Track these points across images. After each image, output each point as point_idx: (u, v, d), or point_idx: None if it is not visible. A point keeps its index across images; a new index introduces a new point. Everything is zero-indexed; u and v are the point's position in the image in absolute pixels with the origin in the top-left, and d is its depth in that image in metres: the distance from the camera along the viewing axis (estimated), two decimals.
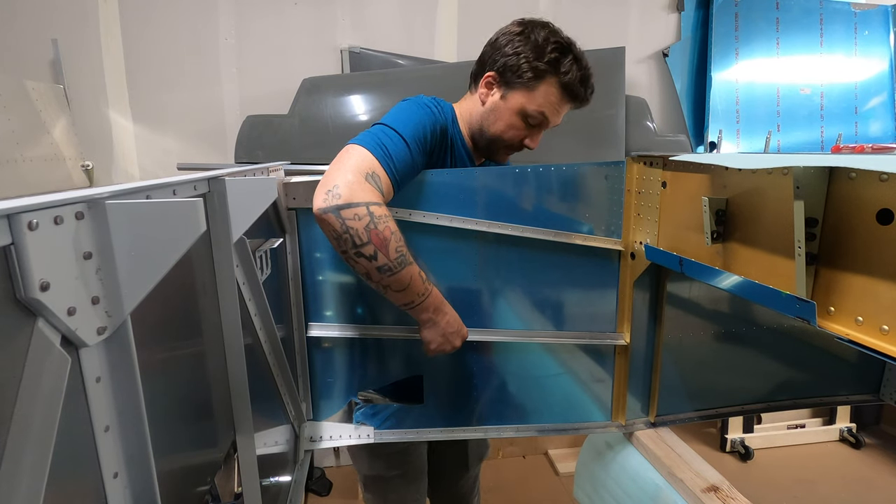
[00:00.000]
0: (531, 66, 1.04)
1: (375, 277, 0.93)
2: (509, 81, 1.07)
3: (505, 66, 1.07)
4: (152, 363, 0.51)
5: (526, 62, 1.04)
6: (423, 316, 1.02)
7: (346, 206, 0.87)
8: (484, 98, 1.11)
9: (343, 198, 0.87)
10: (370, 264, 0.91)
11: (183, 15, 2.31)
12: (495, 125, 1.11)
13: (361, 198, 0.88)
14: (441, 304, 1.04)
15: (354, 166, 0.90)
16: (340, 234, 0.88)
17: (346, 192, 0.88)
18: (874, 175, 0.60)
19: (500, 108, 1.10)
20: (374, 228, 0.89)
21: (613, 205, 1.12)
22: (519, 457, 2.67)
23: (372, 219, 0.89)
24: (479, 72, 1.13)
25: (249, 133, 2.20)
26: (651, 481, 1.18)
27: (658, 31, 2.75)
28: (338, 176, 0.89)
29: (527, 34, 1.06)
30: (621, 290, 1.17)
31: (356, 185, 0.89)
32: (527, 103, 1.07)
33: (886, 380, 1.35)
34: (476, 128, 1.14)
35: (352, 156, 0.92)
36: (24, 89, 2.01)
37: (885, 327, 0.60)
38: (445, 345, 1.05)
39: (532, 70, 1.04)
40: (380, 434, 1.18)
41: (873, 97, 2.90)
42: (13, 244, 0.32)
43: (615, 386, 1.23)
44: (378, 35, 2.49)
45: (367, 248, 0.90)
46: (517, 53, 1.05)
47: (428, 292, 1.00)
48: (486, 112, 1.12)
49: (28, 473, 0.33)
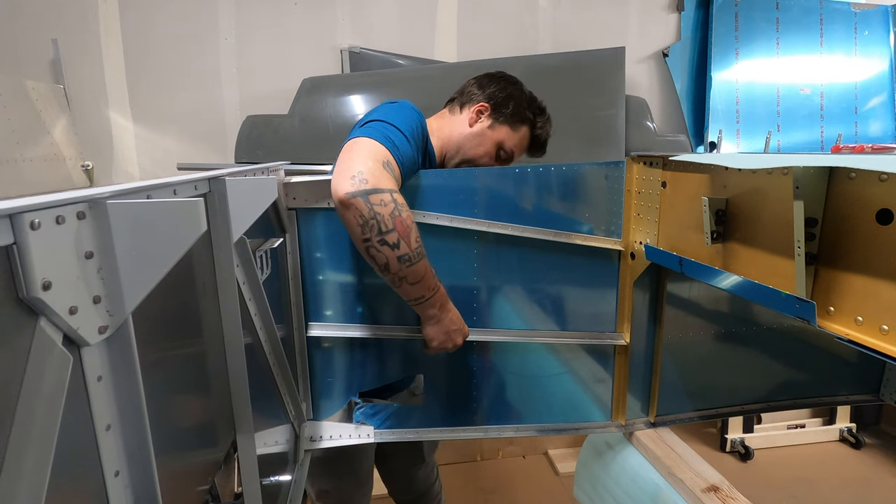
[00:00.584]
0: (521, 110, 1.21)
1: (394, 268, 0.92)
2: (500, 117, 1.20)
3: (499, 102, 1.21)
4: (153, 362, 0.51)
5: (518, 106, 1.21)
6: (429, 312, 1.02)
7: (373, 192, 0.87)
8: (472, 122, 1.21)
9: (370, 183, 0.87)
10: (392, 253, 0.90)
11: (183, 15, 2.31)
12: (476, 149, 1.21)
13: (385, 184, 0.89)
14: (447, 300, 1.04)
15: (371, 155, 0.91)
16: (368, 219, 0.87)
17: (372, 178, 0.87)
18: (874, 175, 0.60)
19: (485, 135, 1.20)
20: (398, 216, 0.89)
21: (613, 205, 1.12)
22: (519, 457, 2.67)
23: (396, 206, 0.89)
24: (466, 100, 1.24)
25: (249, 133, 2.20)
26: (651, 481, 1.18)
27: (658, 31, 2.75)
28: (358, 162, 0.89)
29: (519, 86, 1.24)
30: (621, 290, 1.17)
31: (378, 172, 0.89)
32: (507, 139, 1.21)
33: (886, 380, 1.35)
34: (453, 146, 1.21)
35: (364, 146, 0.92)
36: (24, 89, 2.01)
37: (884, 327, 0.60)
38: (447, 342, 1.06)
39: (520, 114, 1.21)
40: (380, 434, 1.18)
41: (873, 97, 2.90)
42: (15, 244, 0.32)
43: (615, 386, 1.23)
44: (378, 35, 2.49)
45: (392, 235, 0.89)
46: (511, 97, 1.21)
47: (438, 287, 1.01)
48: (471, 135, 1.21)
49: (30, 472, 0.33)
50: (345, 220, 0.89)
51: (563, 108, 2.37)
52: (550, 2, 2.62)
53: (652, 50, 2.76)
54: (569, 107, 2.37)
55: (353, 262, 1.09)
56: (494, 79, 1.24)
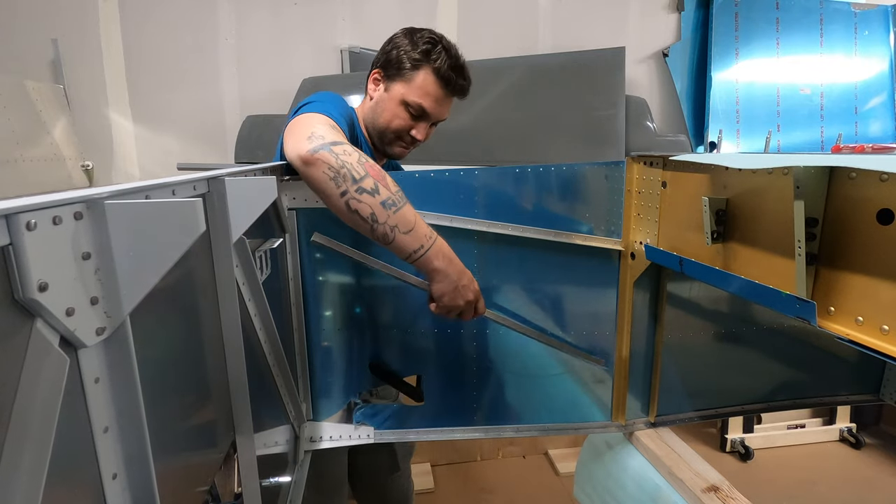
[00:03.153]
0: (408, 56, 1.10)
1: (382, 216, 0.86)
2: (391, 75, 1.13)
3: (387, 61, 1.13)
4: (151, 364, 0.51)
5: (404, 54, 1.11)
6: (434, 264, 0.93)
7: (335, 143, 0.86)
8: (372, 94, 1.17)
9: (328, 138, 0.86)
10: (374, 199, 0.85)
11: (183, 15, 2.31)
12: (382, 116, 1.16)
13: (343, 138, 0.90)
14: (452, 253, 0.96)
15: (320, 119, 0.93)
16: (338, 168, 0.83)
17: (329, 135, 0.87)
18: (874, 175, 0.60)
19: (384, 99, 1.15)
20: (366, 162, 0.87)
21: (613, 205, 1.12)
22: (519, 457, 2.66)
23: (360, 154, 0.88)
24: (368, 73, 1.19)
25: (249, 133, 2.20)
26: (651, 481, 1.18)
27: (658, 31, 2.75)
28: (309, 126, 0.89)
29: (406, 33, 1.14)
30: (621, 291, 1.17)
31: (333, 130, 0.90)
32: (406, 93, 1.12)
33: (886, 380, 1.35)
34: (369, 123, 1.19)
35: (309, 116, 0.94)
36: (24, 89, 2.01)
37: (885, 327, 0.59)
38: (458, 298, 0.96)
39: (409, 60, 1.10)
40: (380, 434, 1.18)
41: (873, 97, 2.90)
42: (11, 244, 0.32)
43: (615, 386, 1.23)
44: (378, 35, 2.47)
45: (367, 181, 0.85)
46: (396, 48, 1.12)
47: (434, 235, 0.94)
48: (373, 105, 1.17)
49: (27, 474, 0.33)
50: (314, 179, 0.85)
51: (563, 108, 2.37)
52: (550, 2, 2.62)
53: (652, 50, 2.76)
54: (569, 107, 2.37)
55: (354, 262, 1.09)
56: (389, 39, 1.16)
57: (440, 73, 1.10)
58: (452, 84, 1.12)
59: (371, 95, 1.18)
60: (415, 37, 1.12)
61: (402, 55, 1.11)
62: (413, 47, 1.10)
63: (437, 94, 1.12)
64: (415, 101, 1.12)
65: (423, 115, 1.14)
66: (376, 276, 1.11)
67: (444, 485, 2.42)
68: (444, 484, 2.43)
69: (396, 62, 1.11)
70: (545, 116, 2.35)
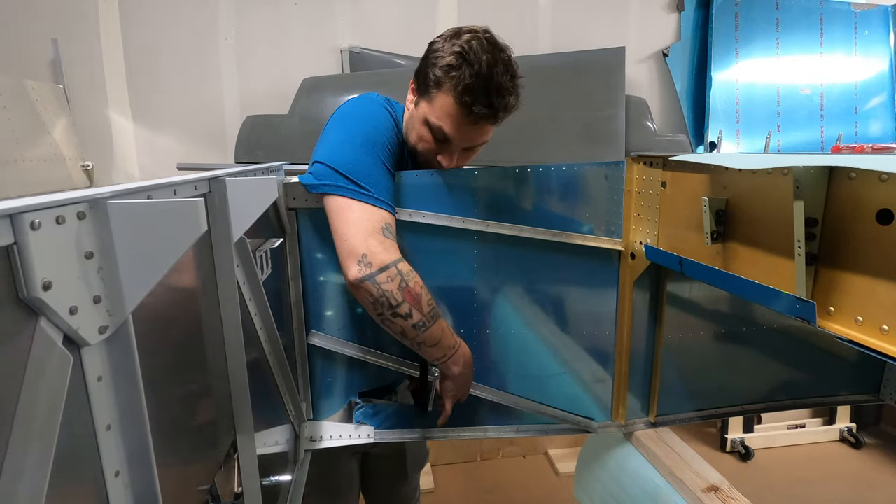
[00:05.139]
0: (433, 70, 0.96)
1: (411, 335, 0.95)
2: (421, 89, 1.01)
3: (419, 71, 1.01)
4: (153, 362, 0.51)
5: (431, 66, 0.96)
6: (453, 370, 1.04)
7: (378, 272, 0.90)
8: (409, 105, 1.06)
9: (375, 265, 0.90)
10: (406, 323, 0.94)
11: (183, 15, 2.31)
12: (411, 134, 1.04)
13: (388, 258, 0.91)
14: (470, 357, 1.07)
15: (370, 227, 0.92)
16: (377, 298, 0.91)
17: (376, 259, 0.90)
18: (874, 175, 0.60)
19: (414, 116, 1.03)
20: (406, 287, 0.92)
21: (613, 205, 1.12)
22: (519, 457, 2.67)
23: (402, 277, 0.92)
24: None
25: (249, 133, 2.20)
26: (651, 481, 1.18)
27: (658, 31, 2.75)
28: (360, 243, 0.91)
29: (448, 36, 0.97)
30: (621, 291, 1.17)
31: (380, 248, 0.91)
32: (429, 113, 0.98)
33: (886, 380, 1.35)
34: (406, 138, 1.07)
35: (359, 216, 0.93)
36: (24, 89, 2.01)
37: (885, 327, 0.60)
38: (462, 396, 1.10)
39: (433, 76, 0.96)
40: (380, 434, 1.18)
41: (873, 97, 2.90)
42: (15, 244, 0.32)
43: (615, 386, 1.23)
44: (378, 35, 2.49)
45: (403, 307, 0.92)
46: (429, 55, 0.98)
47: (458, 344, 1.04)
48: (408, 119, 1.06)
49: (30, 472, 0.33)
50: (358, 298, 0.94)
51: (563, 108, 2.37)
52: (550, 2, 2.62)
53: (652, 50, 2.76)
54: (569, 107, 2.37)
55: None
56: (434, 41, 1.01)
57: (459, 98, 0.93)
58: (472, 110, 0.93)
59: (408, 107, 1.06)
60: (450, 43, 0.95)
61: (429, 68, 0.96)
62: (441, 58, 0.94)
63: (457, 120, 0.96)
64: (436, 123, 0.98)
65: (447, 139, 1.00)
66: None
67: (444, 485, 2.42)
68: (444, 484, 2.43)
69: (423, 76, 0.98)
70: (545, 116, 2.35)
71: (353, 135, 0.98)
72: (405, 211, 1.05)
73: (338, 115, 1.05)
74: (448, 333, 1.01)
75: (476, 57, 0.91)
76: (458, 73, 0.92)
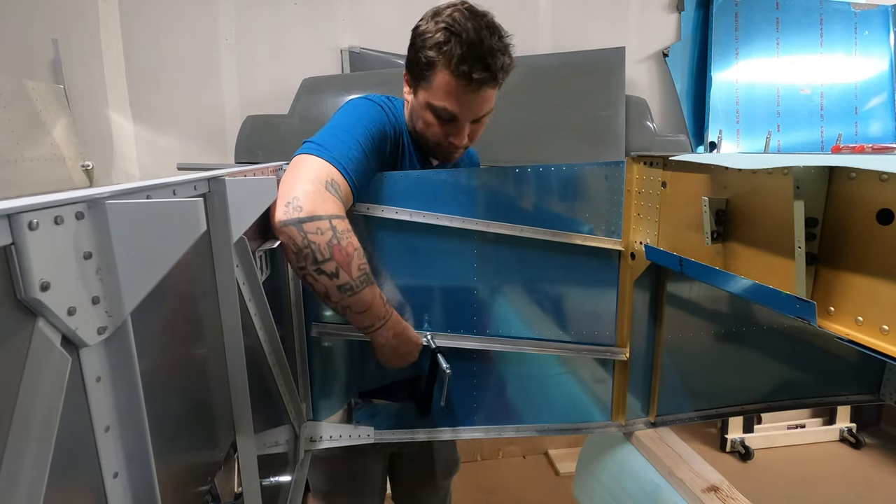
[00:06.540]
0: (423, 53, 0.96)
1: (335, 297, 0.89)
2: (415, 77, 1.01)
3: (409, 61, 1.01)
4: (152, 363, 0.51)
5: (420, 50, 0.96)
6: (379, 340, 0.99)
7: (307, 220, 0.83)
8: (408, 97, 1.07)
9: (305, 210, 0.83)
10: (331, 282, 0.87)
11: (183, 15, 2.31)
12: (417, 124, 1.06)
13: (324, 210, 0.84)
14: (400, 327, 1.01)
15: (313, 175, 0.86)
16: (301, 248, 0.84)
17: (308, 204, 0.83)
18: (874, 175, 0.60)
19: (415, 106, 1.04)
20: (336, 244, 0.85)
21: (613, 205, 1.12)
22: (519, 457, 2.67)
23: (335, 233, 0.85)
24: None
25: (249, 133, 2.20)
26: (651, 481, 1.18)
27: (658, 31, 2.76)
28: (296, 186, 0.85)
29: (429, 16, 0.97)
30: (621, 291, 1.17)
31: (317, 196, 0.84)
32: (430, 98, 0.99)
33: (886, 380, 1.35)
34: (411, 130, 1.09)
35: (307, 165, 0.88)
36: (24, 89, 2.01)
37: (885, 327, 0.60)
38: (400, 363, 1.05)
39: (424, 58, 0.96)
40: (380, 434, 1.18)
41: (873, 97, 2.90)
42: (13, 244, 0.32)
43: (615, 386, 1.23)
44: (378, 35, 2.49)
45: (329, 264, 0.85)
46: (415, 39, 0.98)
47: (389, 315, 0.98)
48: (410, 112, 1.07)
49: (28, 473, 0.33)
50: (283, 244, 0.86)
51: (563, 108, 2.37)
52: (550, 2, 2.62)
53: (652, 50, 2.76)
54: (569, 107, 2.37)
55: None
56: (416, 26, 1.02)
57: (456, 69, 0.93)
58: (472, 77, 0.94)
59: (407, 99, 1.07)
60: (433, 22, 0.95)
61: (418, 53, 0.97)
62: (429, 39, 0.95)
63: (459, 93, 0.96)
64: (438, 104, 0.98)
65: (454, 118, 1.00)
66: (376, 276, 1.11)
67: None
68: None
69: (415, 62, 0.99)
70: (545, 116, 2.35)
71: (335, 125, 0.97)
72: (406, 211, 1.05)
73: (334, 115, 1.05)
74: (380, 303, 0.94)
75: (462, 27, 0.92)
76: (449, 47, 0.93)
